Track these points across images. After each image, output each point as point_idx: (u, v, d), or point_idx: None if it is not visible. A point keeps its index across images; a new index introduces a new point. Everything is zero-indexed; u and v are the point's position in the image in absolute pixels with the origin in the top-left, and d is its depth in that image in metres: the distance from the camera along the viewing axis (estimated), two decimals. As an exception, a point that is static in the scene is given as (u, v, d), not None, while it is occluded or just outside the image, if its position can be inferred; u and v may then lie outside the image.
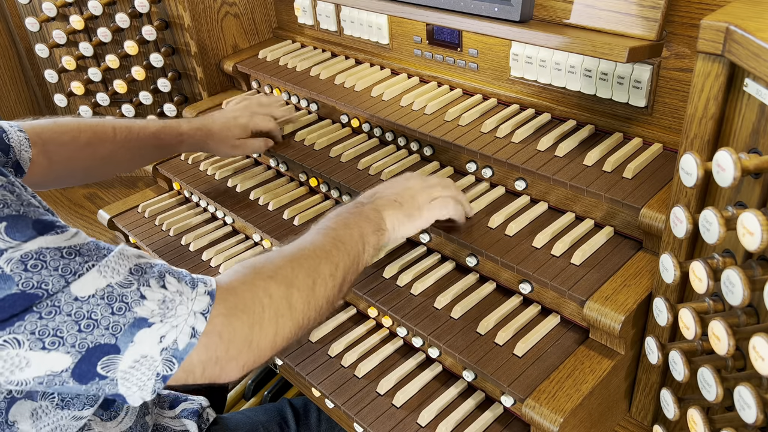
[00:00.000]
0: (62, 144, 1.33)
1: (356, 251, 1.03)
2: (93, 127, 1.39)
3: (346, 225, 1.05)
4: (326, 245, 0.99)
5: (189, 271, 1.56)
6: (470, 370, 1.17)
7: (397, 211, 1.14)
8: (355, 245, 1.04)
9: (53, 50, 1.99)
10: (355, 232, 1.05)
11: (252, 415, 1.36)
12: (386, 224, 1.12)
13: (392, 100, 1.57)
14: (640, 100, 1.25)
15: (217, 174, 1.73)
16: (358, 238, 1.04)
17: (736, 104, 0.82)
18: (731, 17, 0.77)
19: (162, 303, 0.78)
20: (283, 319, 0.88)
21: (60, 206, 2.07)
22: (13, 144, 1.21)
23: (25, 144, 1.24)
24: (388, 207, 1.13)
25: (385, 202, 1.14)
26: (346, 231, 1.04)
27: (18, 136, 1.24)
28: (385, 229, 1.11)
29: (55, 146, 1.31)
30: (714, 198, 0.90)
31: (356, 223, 1.06)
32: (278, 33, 2.03)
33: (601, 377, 1.05)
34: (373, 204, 1.13)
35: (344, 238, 1.02)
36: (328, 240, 1.01)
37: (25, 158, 1.24)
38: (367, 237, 1.06)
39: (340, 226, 1.05)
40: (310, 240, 1.01)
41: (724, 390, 0.77)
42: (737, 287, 0.71)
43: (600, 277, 1.11)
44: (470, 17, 1.27)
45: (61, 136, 1.33)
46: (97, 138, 1.39)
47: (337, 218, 1.07)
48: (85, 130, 1.38)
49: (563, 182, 1.21)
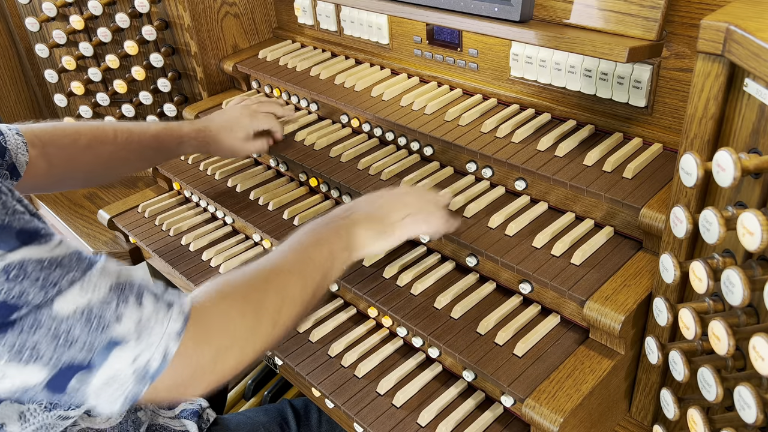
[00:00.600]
0: (62, 147, 1.32)
1: (325, 269, 1.04)
2: (93, 130, 1.39)
3: (318, 242, 1.06)
4: (297, 264, 1.00)
5: (189, 271, 1.57)
6: (470, 370, 1.17)
7: (369, 229, 1.14)
8: (325, 263, 1.04)
9: (53, 50, 1.99)
10: (325, 249, 1.05)
11: (253, 416, 1.36)
12: (357, 241, 1.12)
13: (392, 100, 1.57)
14: (640, 100, 1.25)
15: (217, 174, 1.73)
16: (328, 255, 1.05)
17: (736, 104, 0.82)
18: (731, 17, 0.77)
19: (138, 323, 0.78)
20: (250, 342, 0.89)
21: (60, 206, 2.07)
22: (10, 147, 1.21)
23: (22, 147, 1.24)
24: (361, 224, 1.14)
25: (359, 217, 1.15)
26: (317, 248, 1.05)
27: (15, 139, 1.24)
28: (355, 247, 1.12)
29: (54, 149, 1.31)
30: (714, 198, 0.90)
31: (327, 239, 1.07)
32: (278, 33, 2.03)
33: (601, 377, 1.05)
34: (346, 220, 1.13)
35: (314, 255, 1.03)
36: (299, 258, 1.02)
37: (21, 161, 1.23)
38: (336, 254, 1.07)
39: (312, 243, 1.06)
40: (282, 257, 1.01)
41: (724, 390, 0.77)
42: (737, 287, 0.71)
43: (600, 277, 1.11)
44: (470, 17, 1.27)
45: (61, 139, 1.33)
46: (97, 140, 1.38)
47: (311, 233, 1.08)
48: (84, 133, 1.37)
49: (563, 182, 1.21)
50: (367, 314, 1.37)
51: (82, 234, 1.94)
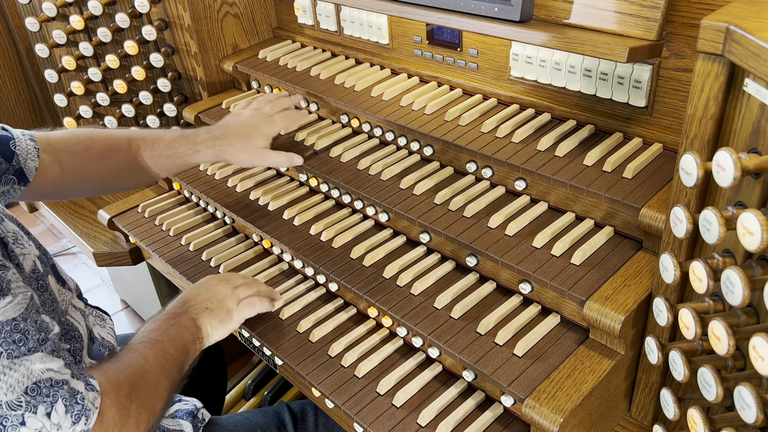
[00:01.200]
0: (74, 153, 1.32)
1: (181, 361, 1.12)
2: (107, 138, 1.38)
3: (171, 337, 1.12)
4: (159, 360, 1.07)
5: (189, 271, 1.57)
6: (470, 370, 1.17)
7: (210, 318, 1.22)
8: (180, 356, 1.12)
9: (53, 50, 1.99)
10: (178, 343, 1.13)
11: (250, 418, 1.36)
12: (202, 332, 1.20)
13: (392, 100, 1.57)
14: (640, 100, 1.25)
15: (217, 174, 1.73)
16: (182, 348, 1.13)
17: (736, 104, 0.82)
18: (731, 17, 0.77)
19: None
20: None
21: (60, 206, 2.07)
22: (19, 151, 1.21)
23: (33, 153, 1.24)
24: (202, 315, 1.21)
25: (197, 310, 1.22)
26: (171, 343, 1.11)
27: (27, 144, 1.24)
28: (202, 337, 1.19)
29: (67, 155, 1.30)
30: (714, 198, 0.90)
31: (178, 334, 1.14)
32: (278, 33, 2.03)
33: (601, 377, 1.05)
34: (187, 314, 1.20)
35: (171, 350, 1.10)
36: (159, 355, 1.08)
37: (30, 167, 1.23)
38: (188, 346, 1.15)
39: (166, 338, 1.12)
40: (144, 356, 1.06)
41: (724, 390, 0.76)
42: (737, 287, 0.71)
43: (600, 277, 1.11)
44: (470, 17, 1.27)
45: (74, 146, 1.33)
46: (110, 148, 1.37)
47: (159, 330, 1.14)
48: (98, 141, 1.36)
49: (563, 182, 1.21)
50: (367, 314, 1.37)
51: (82, 234, 1.94)
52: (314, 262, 1.38)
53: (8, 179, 1.21)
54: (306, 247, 1.42)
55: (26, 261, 0.98)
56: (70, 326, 1.08)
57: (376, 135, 1.58)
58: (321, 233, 1.45)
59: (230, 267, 1.54)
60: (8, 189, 1.22)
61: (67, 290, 1.12)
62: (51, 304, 1.02)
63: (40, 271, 1.01)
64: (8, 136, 1.21)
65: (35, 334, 0.87)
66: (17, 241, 0.98)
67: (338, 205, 1.55)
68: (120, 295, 3.13)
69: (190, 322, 1.18)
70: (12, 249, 0.95)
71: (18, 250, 0.96)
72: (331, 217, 1.50)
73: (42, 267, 1.02)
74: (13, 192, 1.23)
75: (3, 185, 1.20)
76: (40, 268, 1.01)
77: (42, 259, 1.04)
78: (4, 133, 1.21)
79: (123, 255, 1.84)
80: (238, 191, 1.66)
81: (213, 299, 1.25)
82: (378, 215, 1.45)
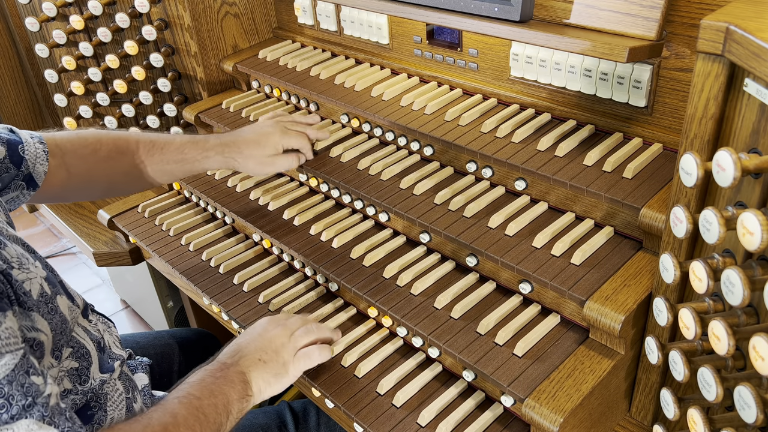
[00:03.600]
0: (82, 156, 1.30)
1: (219, 423, 1.02)
2: (115, 140, 1.36)
3: (212, 393, 1.03)
4: (189, 421, 0.97)
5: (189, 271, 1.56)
6: (470, 370, 1.17)
7: (263, 372, 1.12)
8: (219, 416, 1.02)
9: (53, 50, 1.99)
10: (219, 402, 1.03)
11: (251, 417, 1.36)
12: (252, 388, 1.10)
13: (392, 100, 1.57)
14: (640, 100, 1.25)
15: (217, 174, 1.73)
16: (223, 408, 1.03)
17: (736, 104, 0.82)
18: (731, 17, 0.77)
19: None
20: None
21: (60, 206, 2.07)
22: (28, 156, 1.19)
23: (42, 156, 1.21)
24: (254, 368, 1.11)
25: (249, 362, 1.12)
26: (211, 401, 1.02)
27: (36, 148, 1.21)
28: (251, 394, 1.10)
29: (74, 158, 1.28)
30: (714, 198, 0.90)
31: (221, 390, 1.04)
32: (278, 33, 2.03)
33: (601, 377, 1.05)
34: (237, 366, 1.10)
35: (208, 410, 1.00)
36: (191, 414, 0.98)
37: (39, 171, 1.21)
38: (232, 405, 1.05)
39: (205, 395, 1.02)
40: (174, 417, 0.97)
41: (724, 390, 0.76)
42: (737, 287, 0.71)
43: (600, 277, 1.11)
44: (470, 17, 1.27)
45: (82, 149, 1.30)
46: (118, 151, 1.35)
47: (201, 384, 1.04)
48: (106, 143, 1.34)
49: (563, 182, 1.21)
50: (367, 314, 1.37)
51: (82, 234, 1.94)
52: (314, 262, 1.38)
53: (17, 185, 1.18)
54: (306, 247, 1.43)
55: (33, 286, 0.92)
56: (78, 344, 1.03)
57: (376, 135, 1.58)
58: (321, 233, 1.45)
59: (230, 267, 1.54)
60: (17, 195, 1.19)
61: (76, 306, 1.06)
62: (61, 326, 0.97)
63: (48, 293, 0.95)
64: (17, 140, 1.18)
65: (21, 400, 0.79)
66: (22, 266, 0.92)
67: (338, 205, 1.55)
68: (120, 295, 3.13)
69: (239, 376, 1.08)
70: (17, 279, 0.89)
71: (23, 276, 0.90)
72: (331, 217, 1.50)
73: (50, 289, 0.96)
74: (22, 197, 1.21)
75: (12, 191, 1.18)
76: (48, 291, 0.95)
77: (49, 279, 0.98)
78: (13, 137, 1.18)
79: (123, 255, 1.84)
80: (238, 191, 1.66)
81: (268, 349, 1.15)
82: (378, 215, 1.45)
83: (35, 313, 0.90)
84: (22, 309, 0.88)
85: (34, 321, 0.90)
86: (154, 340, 1.57)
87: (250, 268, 1.52)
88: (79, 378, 1.01)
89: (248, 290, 1.47)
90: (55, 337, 0.94)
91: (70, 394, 0.98)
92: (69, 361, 0.99)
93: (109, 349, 1.14)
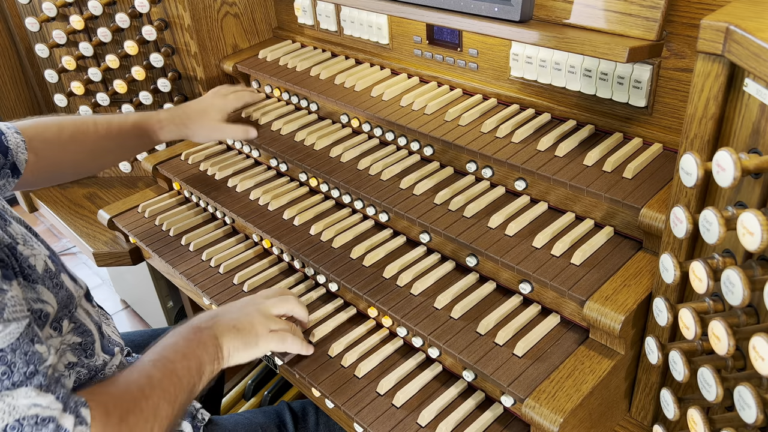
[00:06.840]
0: (47, 140, 1.35)
1: (192, 383, 1.06)
2: (75, 123, 1.44)
3: (184, 356, 1.06)
4: (164, 383, 1.01)
5: (189, 271, 1.56)
6: (470, 370, 1.17)
7: (234, 339, 1.15)
8: (192, 378, 1.06)
9: (53, 50, 1.99)
10: (192, 364, 1.06)
11: (250, 417, 1.36)
12: (223, 351, 1.13)
13: (392, 100, 1.57)
14: (640, 100, 1.25)
15: (218, 174, 1.73)
16: (195, 370, 1.07)
17: (736, 104, 0.82)
18: (731, 17, 0.77)
19: None
20: None
21: (60, 206, 2.07)
22: (11, 146, 1.24)
23: (21, 146, 1.27)
24: (227, 333, 1.15)
25: (224, 327, 1.15)
26: (184, 363, 1.05)
27: (15, 137, 1.27)
28: (222, 357, 1.13)
29: (40, 143, 1.33)
30: (714, 198, 0.90)
31: (194, 352, 1.08)
32: (278, 33, 2.03)
33: (601, 377, 1.05)
34: (211, 330, 1.14)
35: (181, 372, 1.04)
36: (166, 377, 1.02)
37: (21, 159, 1.26)
38: (204, 367, 1.09)
39: (179, 358, 1.06)
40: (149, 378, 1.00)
41: (724, 390, 0.76)
42: (737, 287, 0.71)
43: (600, 277, 1.11)
44: (470, 17, 1.27)
45: (44, 133, 1.36)
46: (79, 132, 1.42)
47: (175, 347, 1.08)
48: (67, 126, 1.41)
49: (563, 182, 1.21)
50: (367, 314, 1.37)
51: (82, 234, 1.94)
52: (314, 262, 1.38)
53: (5, 173, 1.23)
54: (306, 247, 1.43)
55: (38, 261, 0.97)
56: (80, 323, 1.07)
57: (376, 135, 1.58)
58: (321, 233, 1.45)
59: (230, 267, 1.54)
60: (4, 183, 1.24)
61: (80, 287, 1.11)
62: (67, 301, 1.01)
63: (53, 270, 1.00)
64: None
65: (22, 367, 0.81)
66: (26, 242, 0.96)
67: (338, 205, 1.55)
68: (120, 295, 3.13)
69: (212, 340, 1.12)
70: (21, 252, 0.93)
71: (28, 252, 0.95)
72: (331, 217, 1.50)
73: (54, 266, 1.01)
74: (8, 185, 1.26)
75: (1, 179, 1.23)
76: (52, 267, 1.00)
77: (53, 259, 1.03)
78: None
79: (123, 255, 1.84)
80: (238, 191, 1.66)
81: (244, 320, 1.19)
82: (378, 215, 1.45)
83: (40, 285, 0.94)
84: (27, 282, 0.92)
85: (39, 293, 0.94)
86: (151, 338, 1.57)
87: (250, 268, 1.52)
88: (84, 352, 1.05)
89: (248, 290, 1.47)
90: (59, 311, 0.99)
91: (75, 367, 1.02)
92: (71, 336, 1.03)
93: (109, 336, 1.18)
